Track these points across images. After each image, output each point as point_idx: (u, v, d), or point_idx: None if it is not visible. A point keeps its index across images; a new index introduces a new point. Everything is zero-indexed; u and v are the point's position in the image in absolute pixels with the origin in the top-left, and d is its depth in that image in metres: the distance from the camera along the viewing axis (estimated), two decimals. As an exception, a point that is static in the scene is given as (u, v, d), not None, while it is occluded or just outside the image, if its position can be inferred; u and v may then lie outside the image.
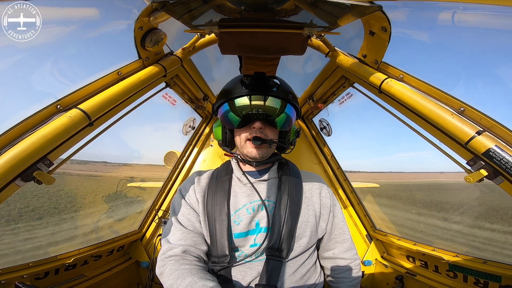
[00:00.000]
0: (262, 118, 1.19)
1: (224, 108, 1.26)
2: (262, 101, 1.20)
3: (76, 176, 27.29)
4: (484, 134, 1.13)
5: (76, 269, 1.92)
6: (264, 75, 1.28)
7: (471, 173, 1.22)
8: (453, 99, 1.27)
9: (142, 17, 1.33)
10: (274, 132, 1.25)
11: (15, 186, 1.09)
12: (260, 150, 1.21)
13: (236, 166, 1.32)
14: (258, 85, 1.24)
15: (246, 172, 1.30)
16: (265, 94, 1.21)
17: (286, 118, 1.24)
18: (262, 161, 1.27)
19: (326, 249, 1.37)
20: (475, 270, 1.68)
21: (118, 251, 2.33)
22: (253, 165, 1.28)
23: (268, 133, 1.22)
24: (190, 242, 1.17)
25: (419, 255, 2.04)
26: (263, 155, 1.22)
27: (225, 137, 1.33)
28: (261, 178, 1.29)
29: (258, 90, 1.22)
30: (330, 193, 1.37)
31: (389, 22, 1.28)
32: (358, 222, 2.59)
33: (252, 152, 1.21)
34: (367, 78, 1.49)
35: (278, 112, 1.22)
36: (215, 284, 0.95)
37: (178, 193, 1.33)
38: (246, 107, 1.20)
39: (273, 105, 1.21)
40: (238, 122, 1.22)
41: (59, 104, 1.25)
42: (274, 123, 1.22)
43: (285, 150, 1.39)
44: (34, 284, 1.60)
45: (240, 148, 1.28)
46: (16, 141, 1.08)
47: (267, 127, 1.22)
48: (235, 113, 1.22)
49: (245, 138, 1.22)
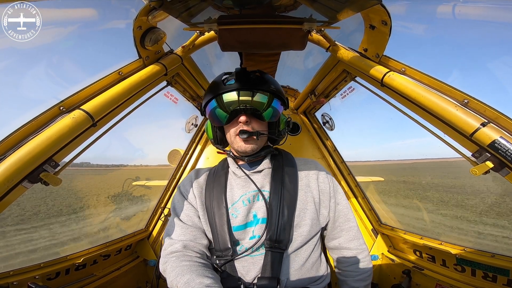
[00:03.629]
0: (250, 112, 1.20)
1: (211, 105, 1.25)
2: (250, 97, 1.20)
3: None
4: (489, 126, 1.11)
5: (86, 268, 1.96)
6: (246, 70, 1.27)
7: (476, 165, 1.20)
8: (456, 91, 1.25)
9: (140, 16, 1.33)
10: (262, 124, 1.25)
11: (23, 188, 1.11)
12: (249, 144, 1.22)
13: (232, 160, 1.34)
14: (244, 80, 1.23)
15: (241, 165, 1.32)
16: (253, 89, 1.21)
17: (272, 111, 1.24)
18: (253, 155, 1.27)
19: (331, 238, 1.34)
20: (483, 264, 1.66)
21: (126, 250, 2.36)
22: (245, 160, 1.29)
23: (254, 125, 1.22)
24: (189, 237, 1.19)
25: (426, 249, 2.02)
26: (252, 148, 1.22)
27: (215, 135, 1.34)
28: (254, 170, 1.30)
29: (245, 85, 1.21)
30: (329, 178, 1.35)
31: (389, 15, 1.26)
32: (363, 216, 2.58)
33: (241, 147, 1.21)
34: (368, 72, 1.47)
35: (265, 106, 1.22)
36: (212, 281, 0.95)
37: (177, 191, 1.35)
38: (234, 102, 1.20)
39: (260, 100, 1.21)
40: (226, 118, 1.22)
41: (62, 106, 1.26)
42: (261, 116, 1.22)
43: (277, 141, 1.38)
44: (46, 285, 1.63)
45: (231, 144, 1.29)
46: (21, 144, 1.10)
47: (253, 119, 1.22)
48: (222, 109, 1.22)
49: (234, 133, 1.23)
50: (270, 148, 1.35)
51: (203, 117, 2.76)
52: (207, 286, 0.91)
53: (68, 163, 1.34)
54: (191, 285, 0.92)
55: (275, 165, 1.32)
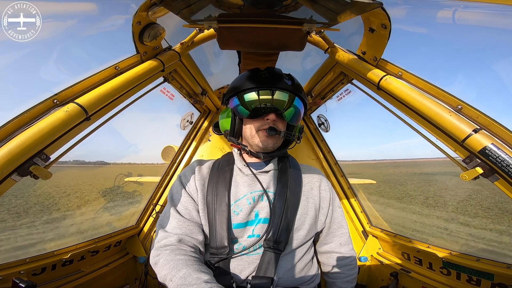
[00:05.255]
0: (273, 111, 1.21)
1: (234, 101, 1.27)
2: (270, 95, 1.21)
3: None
4: (481, 132, 1.13)
5: (73, 264, 1.92)
6: (273, 69, 1.30)
7: (466, 170, 1.23)
8: (451, 97, 1.28)
9: (140, 12, 1.31)
10: (284, 126, 1.29)
11: (12, 181, 1.09)
12: (272, 141, 1.24)
13: (238, 157, 1.33)
14: (266, 78, 1.25)
15: (248, 163, 1.31)
16: (272, 87, 1.22)
17: (295, 111, 1.26)
18: (269, 153, 1.28)
19: (324, 243, 1.38)
20: (468, 268, 1.70)
21: (115, 247, 2.32)
22: (260, 157, 1.29)
23: (279, 125, 1.25)
24: (186, 231, 1.16)
25: (414, 251, 2.06)
26: (274, 145, 1.25)
27: (234, 127, 1.32)
28: (262, 169, 1.30)
29: (265, 84, 1.23)
30: (330, 186, 1.39)
31: (389, 19, 1.28)
32: (355, 218, 2.61)
33: (263, 142, 1.23)
34: (365, 75, 1.48)
35: (286, 105, 1.24)
36: (210, 277, 0.94)
37: (177, 180, 1.32)
38: (254, 101, 1.21)
39: (281, 98, 1.23)
40: (248, 114, 1.24)
41: (56, 99, 1.23)
42: (282, 116, 1.24)
43: (290, 144, 1.40)
44: (31, 280, 1.60)
45: (249, 138, 1.28)
46: (13, 136, 1.07)
47: (279, 120, 1.25)
48: (244, 107, 1.24)
49: (257, 128, 1.24)
50: (284, 150, 1.36)
51: (199, 114, 2.77)
52: (206, 281, 0.89)
53: (60, 156, 1.31)
54: (188, 280, 0.90)
55: (282, 167, 1.33)
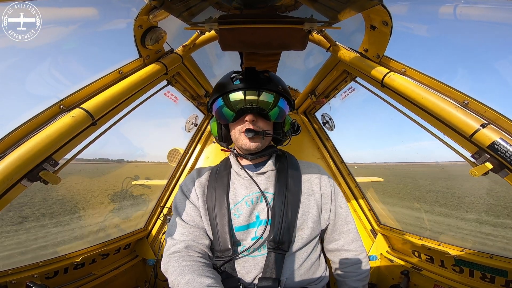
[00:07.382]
0: (256, 111, 1.21)
1: (218, 103, 1.27)
2: (256, 96, 1.21)
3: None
4: (489, 127, 1.11)
5: (85, 267, 1.96)
6: (255, 70, 1.28)
7: (476, 166, 1.21)
8: (456, 92, 1.25)
9: (141, 16, 1.33)
10: (268, 124, 1.27)
11: (22, 186, 1.11)
12: (254, 142, 1.23)
13: (234, 160, 1.34)
14: (252, 79, 1.24)
15: (244, 166, 1.32)
16: (259, 89, 1.22)
17: (279, 111, 1.26)
18: (257, 154, 1.28)
19: (331, 241, 1.36)
20: (481, 265, 1.66)
21: (125, 249, 2.36)
22: (249, 159, 1.29)
23: (260, 125, 1.24)
24: (191, 237, 1.18)
25: (424, 249, 2.03)
26: (257, 146, 1.23)
27: (220, 133, 1.35)
28: (258, 171, 1.30)
29: (252, 85, 1.22)
30: (331, 182, 1.36)
31: (390, 16, 1.26)
32: (363, 217, 2.58)
33: (246, 144, 1.22)
34: (369, 72, 1.47)
35: (271, 106, 1.23)
36: (213, 281, 0.95)
37: (179, 191, 1.35)
38: (240, 101, 1.21)
39: (266, 99, 1.22)
40: (233, 116, 1.23)
41: (62, 104, 1.26)
42: (267, 116, 1.23)
43: (281, 142, 1.39)
44: (45, 283, 1.63)
45: (235, 141, 1.29)
46: (21, 142, 1.10)
47: (260, 119, 1.24)
48: (229, 108, 1.23)
49: (239, 131, 1.24)
50: (273, 148, 1.36)
51: (204, 116, 2.79)
52: (208, 286, 0.91)
53: (68, 161, 1.34)
54: (192, 285, 0.92)
55: (280, 167, 1.32)
